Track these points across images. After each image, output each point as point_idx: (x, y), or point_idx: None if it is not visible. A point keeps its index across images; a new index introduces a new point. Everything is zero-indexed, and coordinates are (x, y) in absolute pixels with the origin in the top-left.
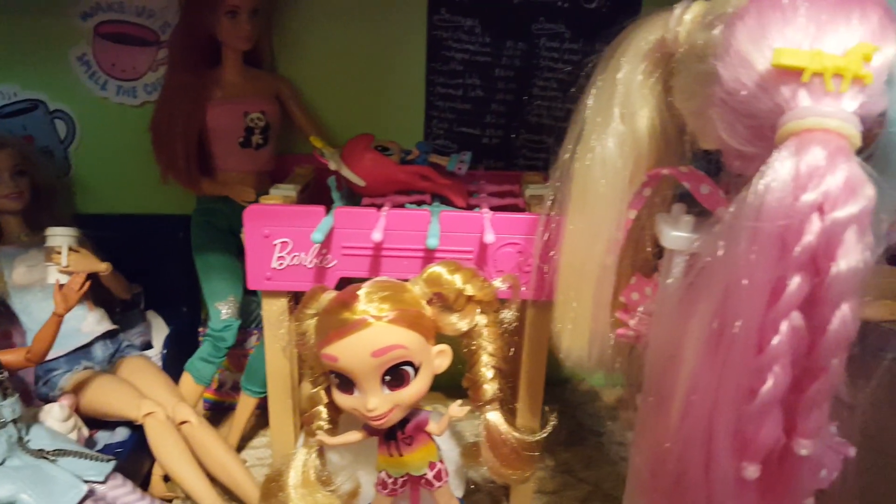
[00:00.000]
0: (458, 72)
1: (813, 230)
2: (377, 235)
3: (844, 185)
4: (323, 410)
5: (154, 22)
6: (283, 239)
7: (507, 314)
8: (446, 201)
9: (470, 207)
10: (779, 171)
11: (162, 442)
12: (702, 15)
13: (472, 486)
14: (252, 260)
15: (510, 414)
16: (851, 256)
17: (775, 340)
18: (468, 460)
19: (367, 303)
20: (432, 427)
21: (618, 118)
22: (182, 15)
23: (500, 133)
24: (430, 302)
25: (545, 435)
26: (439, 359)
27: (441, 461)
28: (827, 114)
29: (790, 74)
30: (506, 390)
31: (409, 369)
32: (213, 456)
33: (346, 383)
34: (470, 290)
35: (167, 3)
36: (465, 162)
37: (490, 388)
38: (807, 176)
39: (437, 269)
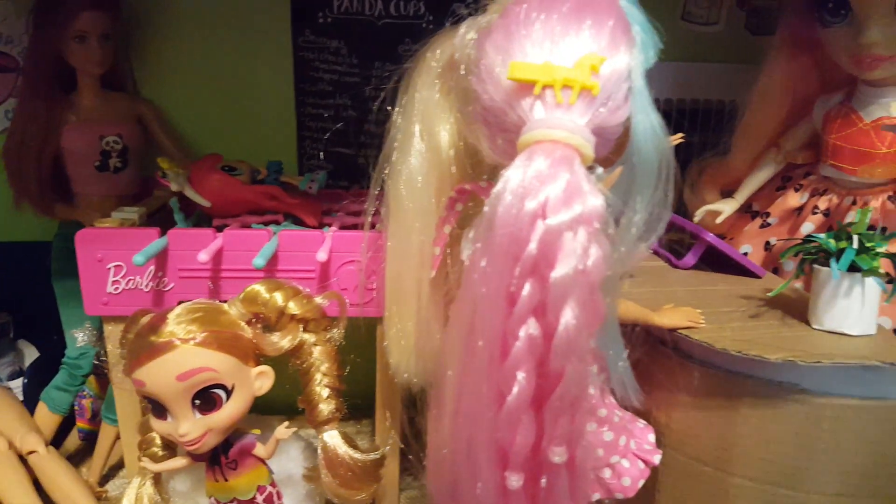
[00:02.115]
0: (328, 92)
1: (535, 237)
2: (203, 256)
3: (563, 193)
4: (156, 436)
5: (13, 49)
6: (117, 263)
7: (335, 332)
8: (301, 221)
9: (324, 226)
10: (509, 181)
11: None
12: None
13: None
14: (87, 285)
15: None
16: (567, 262)
17: (515, 347)
18: (311, 482)
19: (175, 325)
20: (260, 451)
21: (418, 136)
22: (31, 41)
23: (375, 153)
24: (249, 322)
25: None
26: (259, 380)
27: (273, 485)
28: (554, 125)
29: (527, 88)
30: (343, 409)
31: (221, 392)
32: (59, 487)
33: (159, 408)
34: (292, 307)
35: (26, 30)
36: (317, 181)
37: (326, 407)
38: (530, 185)
39: (255, 287)
